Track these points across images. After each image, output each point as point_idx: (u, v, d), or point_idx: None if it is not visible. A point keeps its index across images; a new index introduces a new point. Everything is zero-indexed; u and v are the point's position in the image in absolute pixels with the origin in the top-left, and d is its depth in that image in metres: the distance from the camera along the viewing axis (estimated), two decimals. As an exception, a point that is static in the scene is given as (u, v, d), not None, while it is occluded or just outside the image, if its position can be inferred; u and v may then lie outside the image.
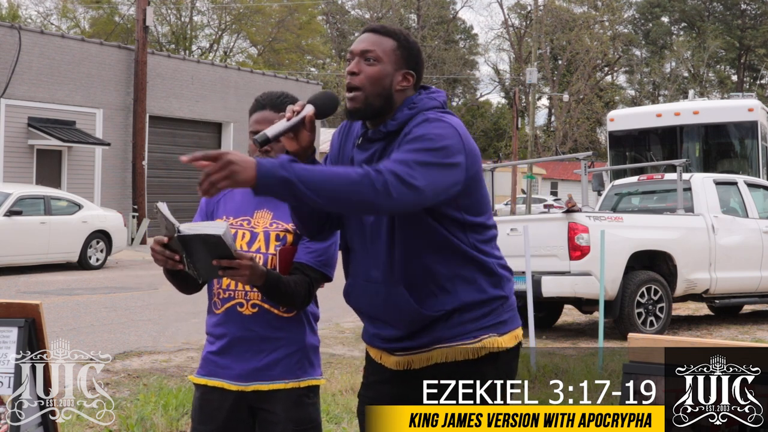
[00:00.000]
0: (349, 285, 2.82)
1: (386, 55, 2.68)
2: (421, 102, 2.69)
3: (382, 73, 2.66)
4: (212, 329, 3.05)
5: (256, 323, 2.97)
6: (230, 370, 2.99)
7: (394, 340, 2.72)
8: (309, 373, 3.04)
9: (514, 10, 62.99)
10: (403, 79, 2.70)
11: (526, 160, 40.44)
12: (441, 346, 2.66)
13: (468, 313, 2.65)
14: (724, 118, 17.43)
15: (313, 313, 3.09)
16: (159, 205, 2.73)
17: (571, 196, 35.84)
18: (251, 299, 2.97)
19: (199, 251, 2.67)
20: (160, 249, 2.74)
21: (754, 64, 70.25)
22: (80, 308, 12.05)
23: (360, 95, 2.65)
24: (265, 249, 2.98)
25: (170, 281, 3.02)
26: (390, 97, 2.67)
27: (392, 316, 2.70)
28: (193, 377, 3.10)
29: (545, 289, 10.24)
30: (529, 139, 49.78)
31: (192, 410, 3.12)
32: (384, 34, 2.71)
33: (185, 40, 50.76)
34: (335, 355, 9.06)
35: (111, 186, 24.69)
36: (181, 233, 2.64)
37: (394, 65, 2.68)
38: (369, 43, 2.68)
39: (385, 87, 2.66)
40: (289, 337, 3.00)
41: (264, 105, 3.07)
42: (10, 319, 2.95)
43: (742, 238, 11.51)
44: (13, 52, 22.35)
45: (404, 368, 2.73)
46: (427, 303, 2.65)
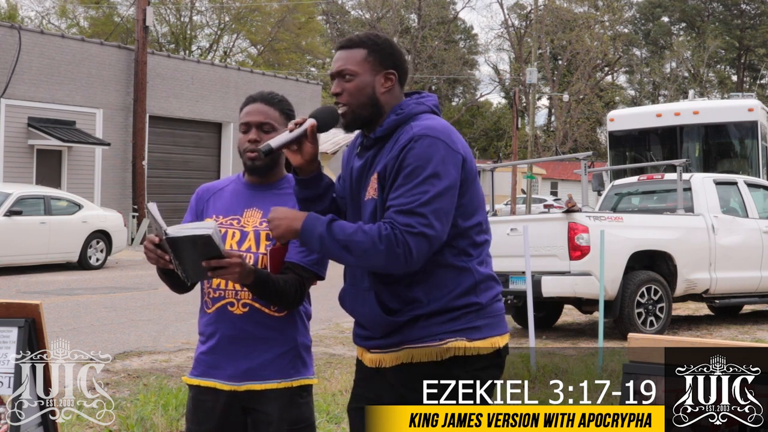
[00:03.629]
0: (342, 290, 2.88)
1: (359, 66, 2.77)
2: (408, 107, 2.77)
3: (361, 84, 2.76)
4: (204, 329, 3.05)
5: (247, 323, 2.96)
6: (222, 370, 2.99)
7: (369, 339, 2.79)
8: (302, 373, 3.03)
9: (514, 10, 62.98)
10: (385, 81, 2.79)
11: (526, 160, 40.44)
12: (408, 347, 2.70)
13: (438, 317, 2.68)
14: (724, 118, 17.42)
15: (306, 312, 3.08)
16: (149, 205, 2.75)
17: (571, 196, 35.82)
18: (242, 299, 2.96)
19: (187, 252, 2.67)
20: (152, 248, 2.77)
21: (754, 64, 70.23)
22: (80, 308, 12.05)
23: (347, 110, 2.77)
24: (256, 248, 2.97)
25: (163, 280, 3.02)
26: (377, 102, 2.77)
27: (365, 320, 2.77)
28: (186, 378, 3.09)
29: (545, 289, 10.23)
30: (529, 139, 49.77)
31: (186, 411, 3.11)
32: (352, 47, 2.80)
33: (185, 40, 50.76)
34: (335, 355, 9.05)
35: (111, 186, 24.69)
36: (169, 236, 2.64)
37: (370, 72, 2.78)
38: (342, 62, 2.79)
39: (369, 95, 2.77)
40: (281, 336, 2.99)
41: (255, 98, 3.10)
42: (10, 319, 2.95)
43: (742, 238, 11.51)
44: (13, 52, 22.35)
45: (376, 366, 2.77)
46: (395, 311, 2.70)
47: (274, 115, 3.04)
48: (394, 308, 2.69)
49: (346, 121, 2.78)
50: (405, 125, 2.73)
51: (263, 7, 50.39)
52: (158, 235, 2.75)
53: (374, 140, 2.77)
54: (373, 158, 2.77)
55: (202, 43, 53.87)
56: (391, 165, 2.67)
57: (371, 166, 2.76)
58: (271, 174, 3.07)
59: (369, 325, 2.76)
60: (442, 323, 2.67)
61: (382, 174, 2.69)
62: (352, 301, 2.81)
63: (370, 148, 2.79)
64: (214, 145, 28.18)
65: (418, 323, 2.69)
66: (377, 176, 2.71)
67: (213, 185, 3.20)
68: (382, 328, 2.72)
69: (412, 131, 2.68)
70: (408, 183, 2.62)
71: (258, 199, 3.05)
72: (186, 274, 2.74)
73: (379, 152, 2.76)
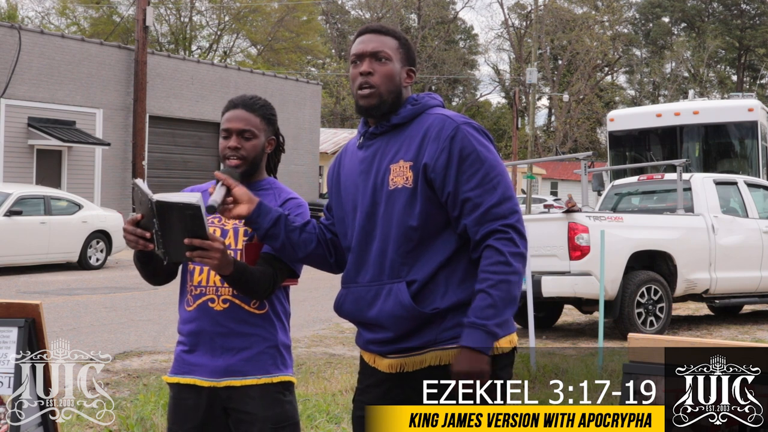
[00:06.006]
0: (340, 295, 2.85)
1: (393, 53, 2.81)
2: (422, 99, 2.81)
3: (394, 70, 2.79)
4: (184, 326, 3.05)
5: (227, 318, 2.96)
6: (203, 367, 2.98)
7: (387, 343, 2.73)
8: (282, 370, 3.02)
9: (514, 10, 62.98)
10: (407, 76, 2.84)
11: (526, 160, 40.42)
12: (434, 349, 2.67)
13: (461, 314, 2.64)
14: (724, 118, 17.43)
15: (285, 311, 3.08)
16: (136, 180, 2.72)
17: (571, 196, 35.85)
18: (222, 294, 2.96)
19: (173, 223, 2.63)
20: (132, 228, 2.74)
21: (754, 64, 70.23)
22: (80, 308, 12.05)
23: (376, 92, 2.76)
24: (235, 245, 2.98)
25: (140, 271, 3.00)
26: (400, 93, 2.80)
27: (386, 317, 2.70)
28: (166, 377, 3.08)
29: (545, 289, 10.24)
30: (529, 139, 49.77)
31: (167, 411, 3.09)
32: (386, 34, 2.83)
33: (185, 40, 50.76)
34: (335, 355, 9.05)
35: (111, 186, 24.69)
36: (159, 200, 2.61)
37: (400, 63, 2.81)
38: (378, 43, 2.80)
39: (397, 84, 2.79)
40: (261, 333, 2.99)
41: (236, 104, 3.08)
42: (10, 319, 2.95)
43: (742, 238, 11.51)
44: (13, 52, 22.35)
45: (397, 371, 2.73)
46: (421, 300, 2.66)
47: (255, 122, 3.03)
48: (421, 297, 2.66)
49: (372, 104, 2.76)
50: (422, 114, 2.77)
51: (263, 7, 50.38)
52: (141, 212, 2.72)
53: (389, 127, 2.77)
54: (385, 146, 2.76)
55: (202, 43, 53.90)
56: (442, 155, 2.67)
57: (384, 153, 2.75)
58: (253, 176, 3.08)
59: (389, 322, 2.69)
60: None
61: (425, 164, 2.67)
62: (361, 302, 2.75)
63: (380, 136, 2.79)
64: (213, 145, 28.16)
65: (444, 322, 2.66)
66: (411, 165, 2.69)
67: (197, 187, 3.22)
68: (406, 322, 2.66)
69: (456, 123, 2.71)
70: (476, 177, 2.67)
71: None
72: (166, 250, 2.68)
73: (392, 139, 2.76)
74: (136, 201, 2.75)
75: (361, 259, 2.76)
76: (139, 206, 2.73)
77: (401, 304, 2.66)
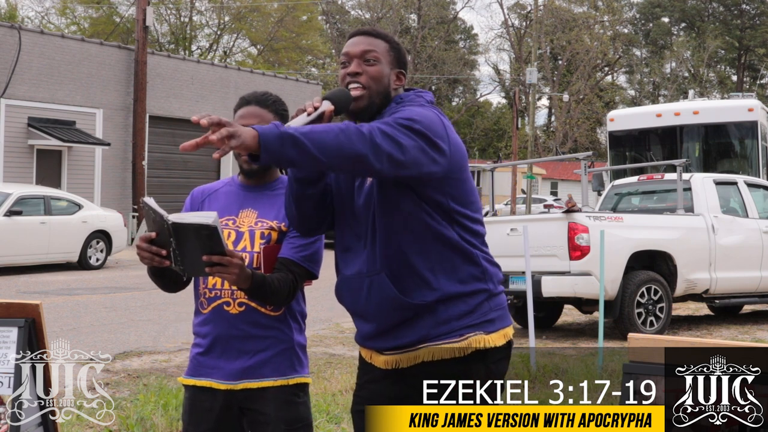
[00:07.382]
0: (338, 282, 2.85)
1: (383, 55, 2.79)
2: (408, 98, 2.80)
3: (383, 72, 2.77)
4: (199, 329, 3.05)
5: (243, 322, 2.96)
6: (219, 369, 2.99)
7: (380, 338, 2.74)
8: (298, 371, 3.04)
9: (514, 10, 62.96)
10: (396, 79, 2.82)
11: (526, 160, 40.43)
12: (427, 345, 2.68)
13: (452, 307, 2.65)
14: (724, 118, 17.43)
15: (301, 311, 3.09)
16: (145, 199, 2.71)
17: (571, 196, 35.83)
18: (238, 298, 2.96)
19: (189, 242, 2.62)
20: (147, 246, 2.72)
21: (754, 64, 70.22)
22: (80, 308, 12.05)
23: (365, 93, 2.74)
24: (251, 247, 2.98)
25: (154, 281, 3.01)
26: (388, 95, 2.78)
27: (374, 309, 2.70)
28: (182, 378, 3.10)
29: (545, 289, 10.24)
30: (529, 139, 49.76)
31: (182, 412, 3.11)
32: (376, 36, 2.82)
33: (185, 40, 50.76)
34: (335, 355, 9.06)
35: (111, 186, 24.69)
36: (173, 221, 2.60)
37: (389, 65, 2.80)
38: (367, 45, 2.78)
39: (385, 86, 2.77)
40: (277, 335, 2.99)
41: (249, 101, 3.08)
42: (10, 319, 2.95)
43: (742, 238, 11.51)
44: (13, 52, 22.35)
45: (393, 367, 2.75)
46: (407, 291, 2.66)
47: (269, 118, 3.03)
48: (406, 288, 2.66)
49: (361, 106, 2.73)
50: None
51: (263, 7, 50.38)
52: (154, 230, 2.71)
53: None
54: None
55: (202, 43, 53.89)
56: None
57: None
58: (266, 176, 3.09)
59: (377, 315, 2.69)
60: (459, 317, 2.66)
61: None
62: (354, 293, 2.75)
63: None
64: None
65: (435, 316, 2.66)
66: None
67: (207, 187, 3.21)
68: (394, 314, 2.67)
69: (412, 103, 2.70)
70: (391, 117, 2.60)
71: (253, 199, 3.06)
72: (184, 267, 2.69)
73: None
74: (149, 220, 2.73)
75: (355, 250, 2.76)
76: (153, 225, 2.71)
77: (389, 296, 2.66)
